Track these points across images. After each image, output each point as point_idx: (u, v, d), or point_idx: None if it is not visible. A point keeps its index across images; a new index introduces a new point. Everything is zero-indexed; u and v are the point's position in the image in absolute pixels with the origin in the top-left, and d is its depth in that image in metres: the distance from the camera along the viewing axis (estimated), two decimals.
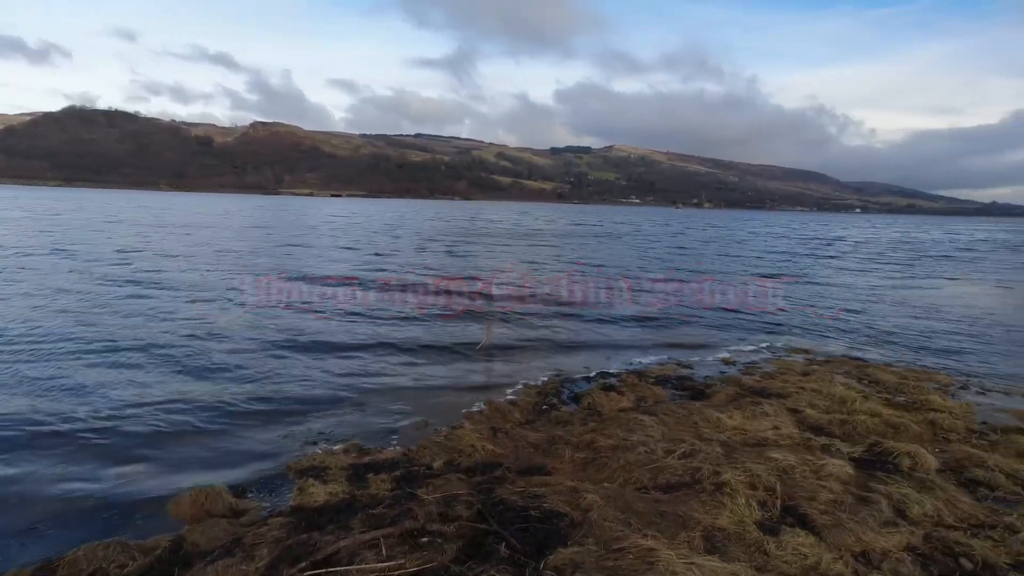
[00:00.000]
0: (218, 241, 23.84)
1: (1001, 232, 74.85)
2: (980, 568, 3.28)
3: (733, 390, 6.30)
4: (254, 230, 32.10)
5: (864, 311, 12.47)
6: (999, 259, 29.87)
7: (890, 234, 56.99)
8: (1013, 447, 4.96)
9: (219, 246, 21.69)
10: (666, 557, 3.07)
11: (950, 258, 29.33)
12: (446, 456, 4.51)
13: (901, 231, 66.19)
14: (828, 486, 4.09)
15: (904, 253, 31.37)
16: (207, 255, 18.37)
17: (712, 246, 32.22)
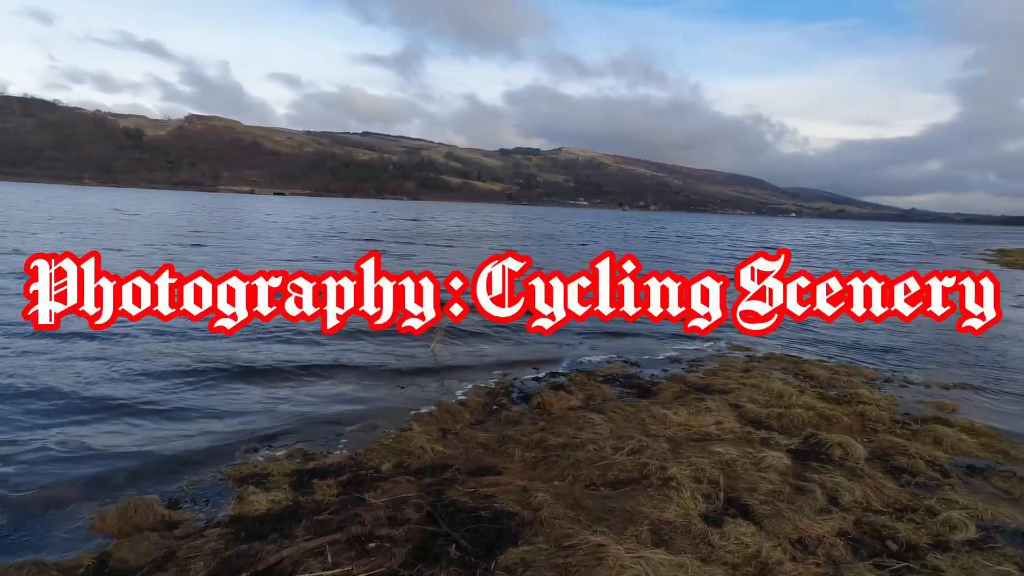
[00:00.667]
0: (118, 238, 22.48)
1: (925, 236, 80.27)
2: (904, 549, 3.49)
3: (678, 387, 6.48)
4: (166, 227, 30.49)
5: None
6: (921, 261, 32.05)
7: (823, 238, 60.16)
8: (931, 435, 5.31)
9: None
10: (615, 552, 3.10)
11: (878, 260, 31.24)
12: (395, 459, 4.42)
13: (834, 235, 69.98)
14: (768, 477, 4.26)
15: (839, 254, 33.24)
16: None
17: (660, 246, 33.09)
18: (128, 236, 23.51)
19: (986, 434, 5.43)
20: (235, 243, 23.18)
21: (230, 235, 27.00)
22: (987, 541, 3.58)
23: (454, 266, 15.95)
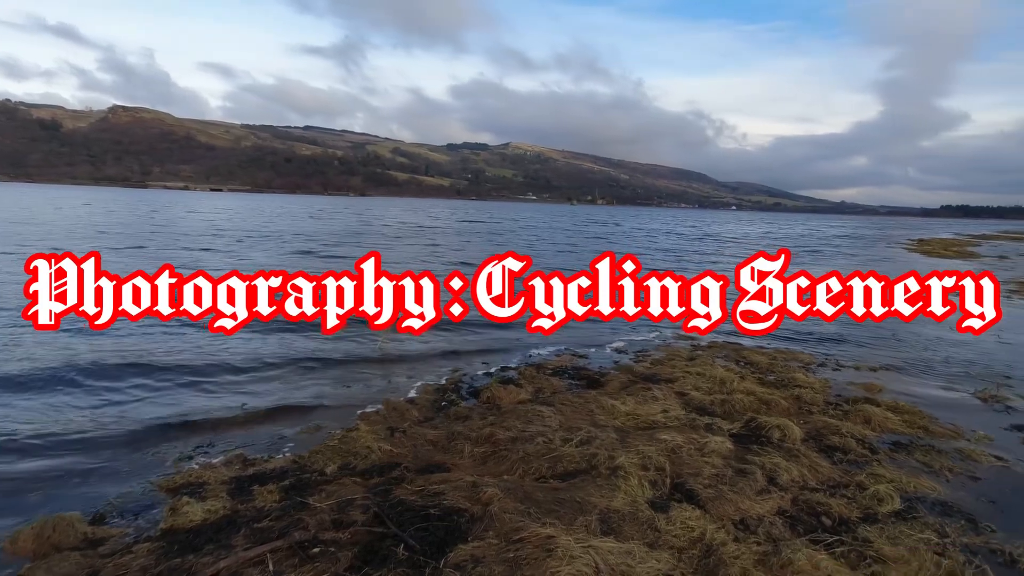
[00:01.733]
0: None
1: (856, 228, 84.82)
2: (837, 523, 3.66)
3: (626, 377, 6.59)
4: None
5: None
6: (854, 251, 33.88)
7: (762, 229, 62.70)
8: (861, 415, 5.60)
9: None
10: (564, 543, 3.11)
11: (814, 251, 32.83)
12: (341, 460, 4.29)
13: (771, 227, 73.07)
14: (711, 462, 4.38)
15: (775, 244, 34.71)
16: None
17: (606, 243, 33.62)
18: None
19: (909, 412, 5.78)
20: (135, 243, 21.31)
21: (134, 236, 24.20)
22: (910, 512, 3.81)
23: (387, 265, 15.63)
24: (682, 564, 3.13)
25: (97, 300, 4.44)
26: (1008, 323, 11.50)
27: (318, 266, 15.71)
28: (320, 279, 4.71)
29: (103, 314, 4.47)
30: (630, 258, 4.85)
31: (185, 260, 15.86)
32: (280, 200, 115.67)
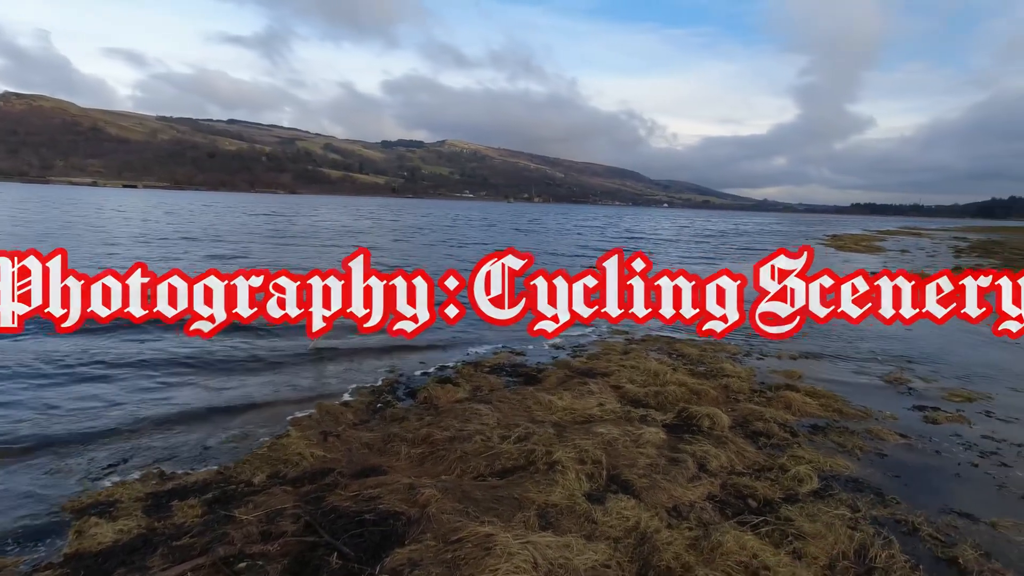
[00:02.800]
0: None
1: (776, 224, 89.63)
2: (762, 505, 3.85)
3: (563, 372, 6.67)
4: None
5: None
6: (770, 245, 35.78)
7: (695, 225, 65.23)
8: (782, 401, 5.92)
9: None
10: (502, 540, 3.11)
11: (735, 245, 34.46)
12: (270, 469, 4.10)
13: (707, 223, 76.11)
14: (646, 452, 4.50)
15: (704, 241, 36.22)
16: None
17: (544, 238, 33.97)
18: None
19: (825, 396, 6.16)
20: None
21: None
22: (827, 490, 4.06)
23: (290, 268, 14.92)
24: (618, 553, 3.19)
25: (64, 301, 3.96)
26: None
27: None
28: (305, 278, 4.37)
29: (70, 316, 3.98)
30: (640, 256, 4.70)
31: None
32: (202, 197, 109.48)
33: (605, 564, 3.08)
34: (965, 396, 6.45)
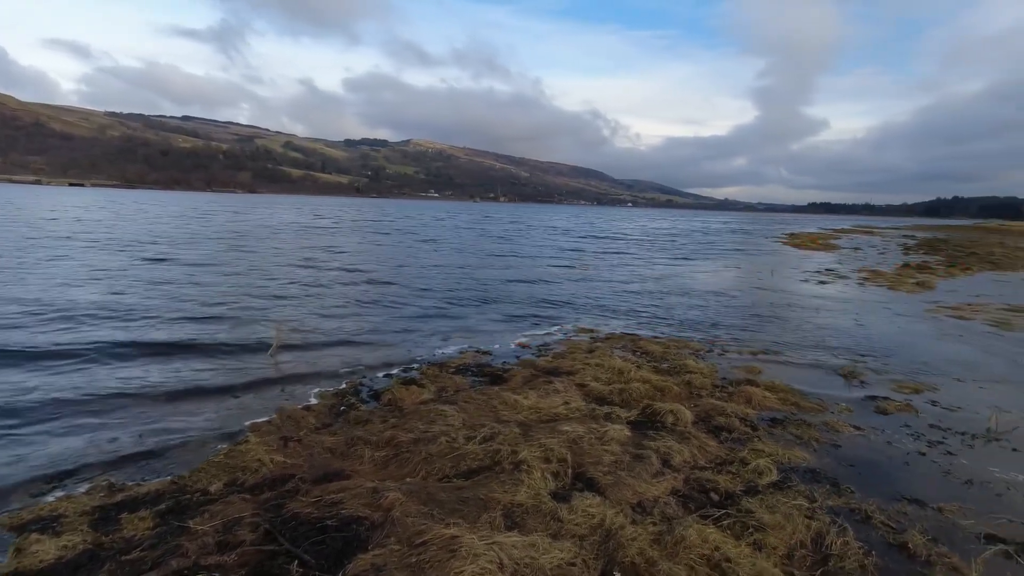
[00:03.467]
0: None
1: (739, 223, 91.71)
2: (724, 498, 3.92)
3: (529, 372, 6.67)
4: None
5: (640, 293, 14.29)
6: (734, 245, 36.64)
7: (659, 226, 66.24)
8: (743, 396, 6.06)
9: None
10: (468, 541, 3.08)
11: (698, 245, 35.16)
12: (227, 476, 3.96)
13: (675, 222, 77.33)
14: (610, 449, 4.53)
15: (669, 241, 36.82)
16: None
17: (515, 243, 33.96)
18: None
19: (783, 390, 6.33)
20: None
21: None
22: (786, 481, 4.17)
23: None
24: (584, 551, 3.20)
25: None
26: (862, 307, 12.98)
27: (174, 276, 13.43)
28: None
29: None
30: None
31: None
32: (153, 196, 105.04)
33: (571, 562, 3.09)
34: (913, 387, 6.73)
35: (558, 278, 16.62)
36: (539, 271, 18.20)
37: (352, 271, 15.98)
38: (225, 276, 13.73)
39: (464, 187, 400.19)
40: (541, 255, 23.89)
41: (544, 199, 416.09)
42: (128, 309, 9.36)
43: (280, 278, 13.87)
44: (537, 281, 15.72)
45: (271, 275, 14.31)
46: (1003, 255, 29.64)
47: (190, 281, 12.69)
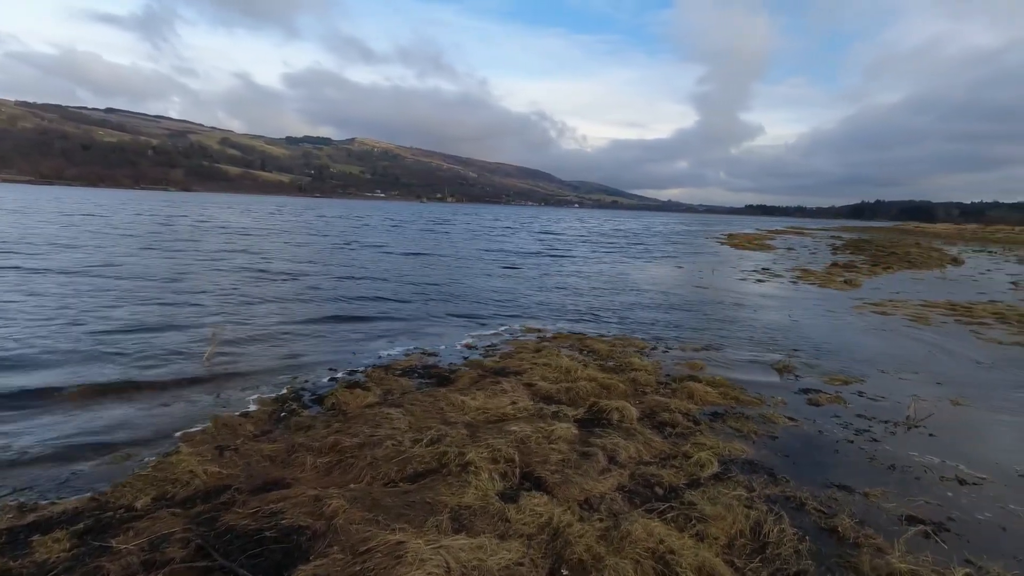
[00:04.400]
0: None
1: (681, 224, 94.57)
2: (668, 492, 4.00)
3: (476, 372, 6.62)
4: None
5: (587, 292, 14.47)
6: (677, 245, 37.76)
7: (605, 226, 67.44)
8: (686, 391, 6.22)
9: None
10: (414, 547, 3.02)
11: (643, 245, 36.02)
12: (155, 491, 3.72)
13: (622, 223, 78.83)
14: (558, 448, 4.55)
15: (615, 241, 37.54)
16: None
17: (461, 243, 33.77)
18: None
19: (724, 385, 6.54)
20: None
21: None
22: (726, 473, 4.30)
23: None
24: (531, 550, 3.19)
25: None
26: (795, 304, 13.63)
27: (91, 280, 12.61)
28: None
29: None
30: None
31: None
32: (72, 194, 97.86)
33: (519, 562, 3.07)
34: (843, 379, 7.10)
35: (506, 278, 16.65)
36: (487, 272, 18.19)
37: (293, 273, 15.47)
38: (153, 279, 13.01)
39: (411, 187, 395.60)
40: (489, 256, 23.86)
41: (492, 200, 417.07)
42: (33, 311, 8.70)
43: (216, 280, 13.27)
44: (485, 282, 15.69)
45: (206, 277, 13.67)
46: (919, 255, 31.83)
47: (112, 285, 11.93)
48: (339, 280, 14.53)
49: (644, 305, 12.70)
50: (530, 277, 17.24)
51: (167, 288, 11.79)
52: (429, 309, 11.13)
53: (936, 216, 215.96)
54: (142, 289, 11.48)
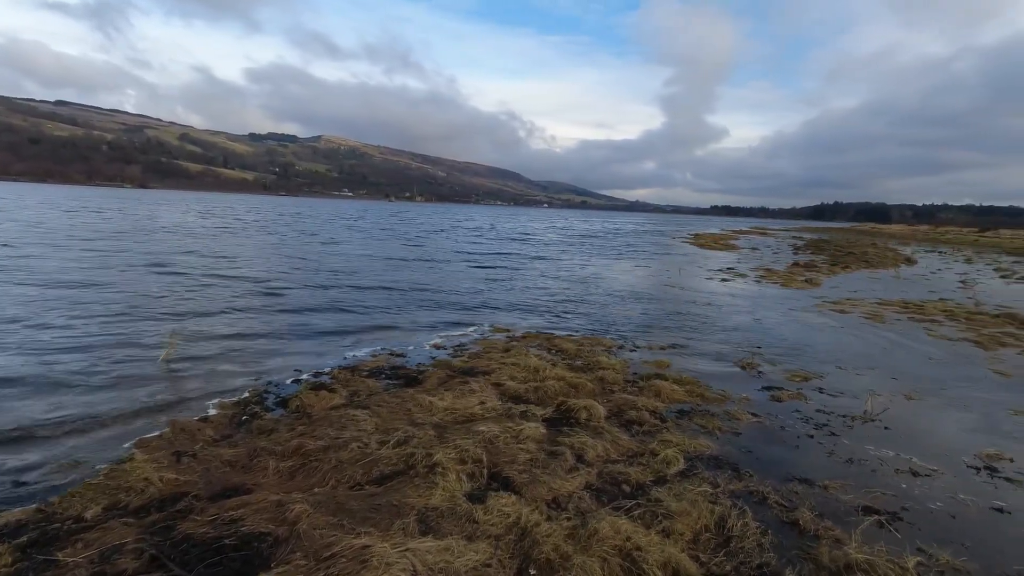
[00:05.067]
0: None
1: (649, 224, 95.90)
2: (635, 489, 4.04)
3: (444, 373, 6.56)
4: None
5: (555, 291, 14.53)
6: (644, 245, 38.25)
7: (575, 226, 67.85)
8: (653, 389, 6.29)
9: None
10: (379, 551, 2.97)
11: (612, 245, 36.39)
12: (107, 500, 3.57)
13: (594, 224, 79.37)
14: (526, 448, 4.55)
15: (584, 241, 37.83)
16: None
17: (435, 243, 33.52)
18: None
19: (690, 383, 6.64)
20: None
21: None
22: (692, 469, 4.36)
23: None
24: (499, 551, 3.17)
25: None
26: (759, 303, 13.95)
27: (45, 278, 12.54)
28: None
29: None
30: None
31: None
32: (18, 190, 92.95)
33: (486, 563, 3.05)
34: (803, 376, 7.29)
35: (475, 278, 16.59)
36: (456, 272, 18.10)
37: (257, 274, 15.10)
38: (109, 281, 12.53)
39: (379, 186, 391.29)
40: (458, 256, 23.75)
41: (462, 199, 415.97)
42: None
43: (175, 282, 12.86)
44: (454, 282, 15.61)
45: (164, 278, 13.23)
46: (875, 255, 33.01)
47: (69, 285, 11.46)
48: (305, 281, 14.24)
49: (612, 304, 12.83)
50: (500, 277, 17.23)
51: (121, 290, 11.37)
52: (398, 309, 11.01)
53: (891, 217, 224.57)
54: (95, 290, 11.05)
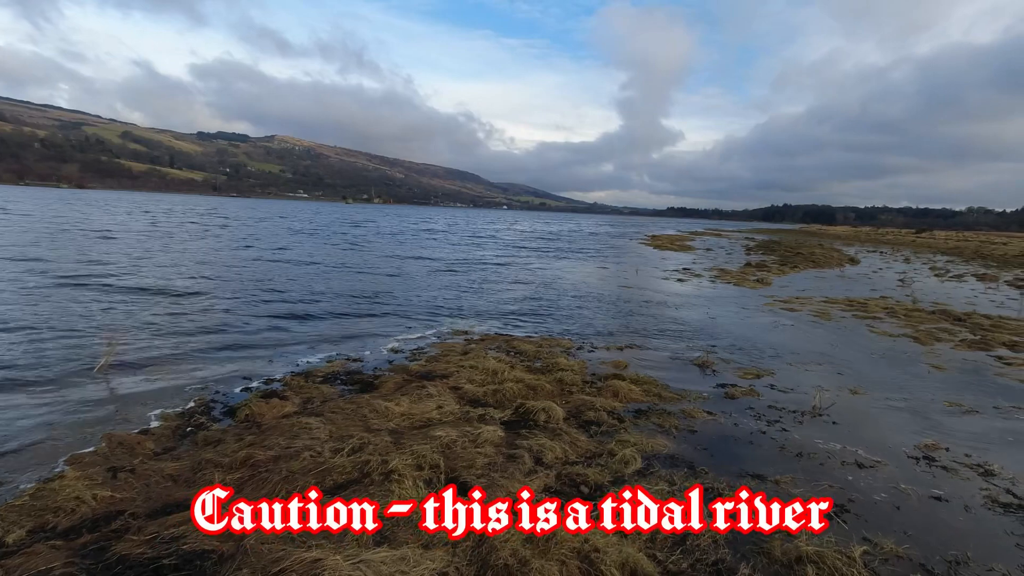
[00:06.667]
0: None
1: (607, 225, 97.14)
2: (593, 490, 4.03)
3: (401, 377, 6.43)
4: None
5: (515, 293, 14.51)
6: (603, 246, 38.73)
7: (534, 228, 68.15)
8: (610, 389, 6.33)
9: None
10: (332, 563, 2.86)
11: (571, 246, 36.70)
12: (32, 522, 3.32)
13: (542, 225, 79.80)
14: (484, 451, 4.48)
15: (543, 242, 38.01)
16: None
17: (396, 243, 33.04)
18: None
19: (647, 383, 6.71)
20: None
21: None
22: (649, 469, 4.39)
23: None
24: (456, 558, 3.10)
25: None
26: (713, 302, 14.28)
27: None
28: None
29: None
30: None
31: None
32: None
33: (443, 572, 2.98)
34: (755, 373, 7.48)
35: (434, 282, 16.43)
36: (414, 275, 17.88)
37: (200, 282, 14.54)
38: (40, 286, 11.82)
39: (336, 187, 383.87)
40: (417, 260, 23.49)
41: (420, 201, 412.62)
42: None
43: (115, 287, 12.23)
44: (412, 285, 15.42)
45: (102, 282, 12.57)
46: (822, 255, 34.39)
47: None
48: (256, 287, 13.79)
49: (571, 305, 12.91)
50: (458, 280, 17.12)
51: (59, 294, 10.73)
52: (353, 314, 10.77)
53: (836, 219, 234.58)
54: (24, 292, 10.39)
